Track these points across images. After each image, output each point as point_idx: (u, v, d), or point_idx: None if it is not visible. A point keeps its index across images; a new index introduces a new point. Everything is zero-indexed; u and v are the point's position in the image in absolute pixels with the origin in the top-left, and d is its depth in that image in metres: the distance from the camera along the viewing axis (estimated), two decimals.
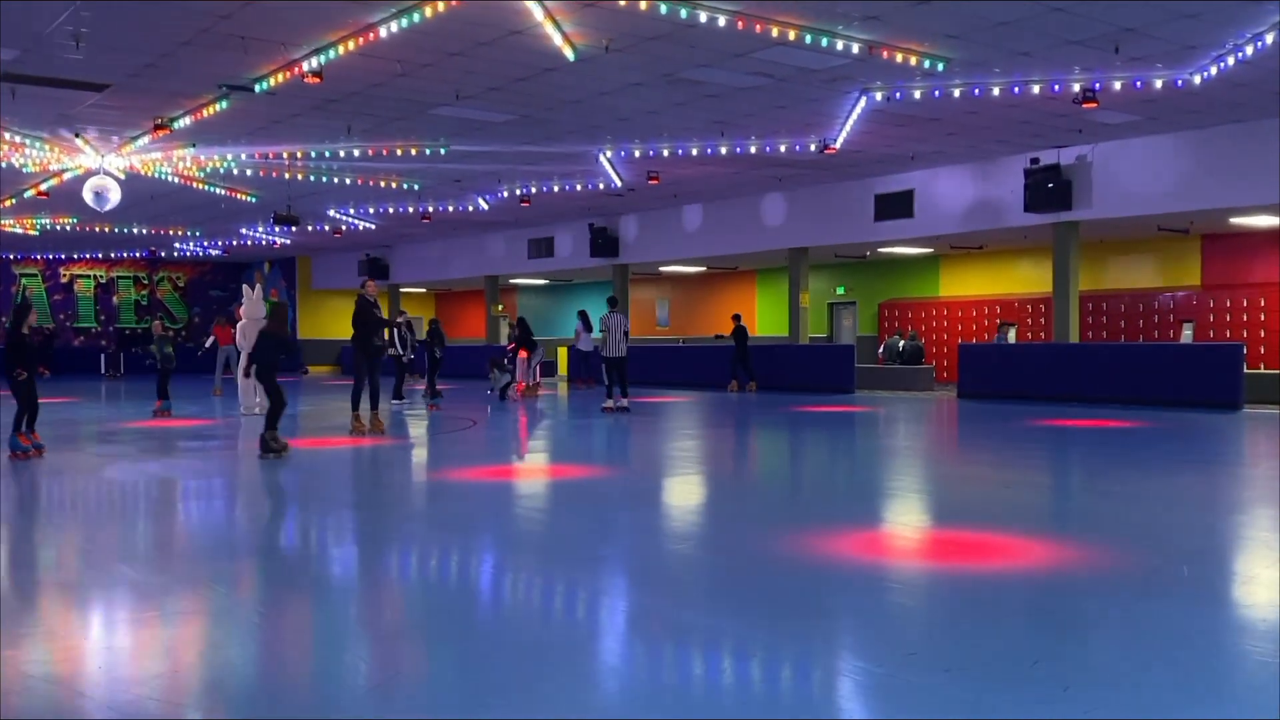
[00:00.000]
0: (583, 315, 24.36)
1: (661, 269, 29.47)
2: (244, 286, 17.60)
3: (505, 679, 3.94)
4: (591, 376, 23.52)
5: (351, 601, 5.32)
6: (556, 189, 21.98)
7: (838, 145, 16.99)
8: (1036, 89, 13.79)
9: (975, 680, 3.82)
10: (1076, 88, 13.60)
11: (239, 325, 17.34)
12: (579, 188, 21.81)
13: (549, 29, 11.09)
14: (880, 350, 25.29)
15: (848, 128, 16.07)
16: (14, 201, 23.03)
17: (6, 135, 16.26)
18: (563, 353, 30.89)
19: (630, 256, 26.89)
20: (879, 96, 14.30)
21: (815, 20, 11.26)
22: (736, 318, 23.08)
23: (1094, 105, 13.72)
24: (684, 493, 9.04)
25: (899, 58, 12.39)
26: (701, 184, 21.79)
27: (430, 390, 18.73)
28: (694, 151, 17.87)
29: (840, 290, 28.78)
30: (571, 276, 32.78)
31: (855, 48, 12.01)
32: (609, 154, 18.47)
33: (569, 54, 11.88)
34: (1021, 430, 13.66)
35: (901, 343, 24.36)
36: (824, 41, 11.76)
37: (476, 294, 36.09)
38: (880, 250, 24.35)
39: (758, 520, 7.32)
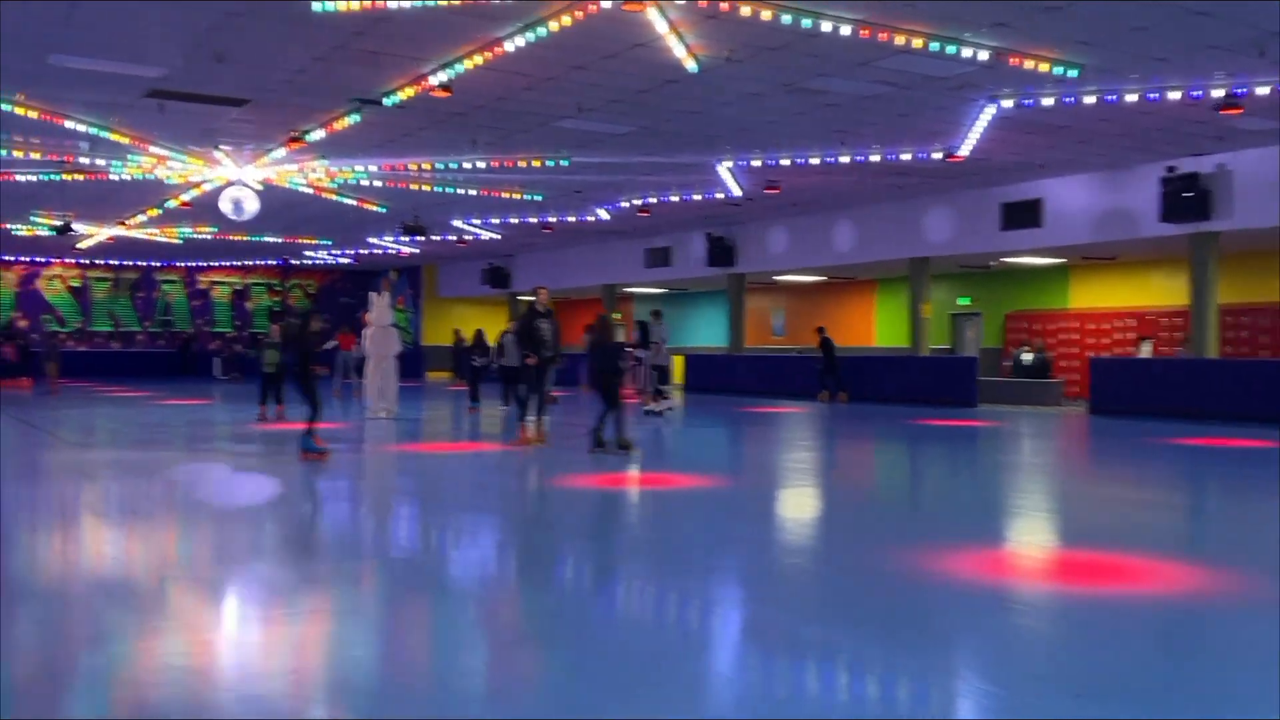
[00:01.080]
0: (642, 326, 24.25)
1: (778, 278, 29.31)
2: (371, 294, 18.12)
3: (621, 685, 3.97)
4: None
5: (471, 604, 5.44)
6: (675, 199, 22.07)
7: (963, 153, 16.65)
8: (1174, 95, 13.28)
9: (1106, 707, 3.70)
10: (1217, 93, 13.05)
11: (367, 332, 17.89)
12: (697, 197, 21.87)
13: (672, 41, 11.16)
14: (1008, 363, 24.61)
15: (974, 135, 15.74)
16: (159, 212, 24.20)
17: (153, 149, 17.11)
18: (679, 361, 30.98)
19: (747, 266, 26.80)
20: (1007, 104, 13.98)
21: (941, 28, 11.07)
22: (821, 330, 23.35)
23: (1237, 111, 13.14)
24: (800, 506, 8.97)
25: (1029, 64, 12.09)
26: (821, 193, 21.61)
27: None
28: (814, 160, 17.74)
29: (963, 301, 28.15)
30: (688, 285, 32.85)
31: (983, 55, 11.75)
32: (728, 164, 18.47)
33: (691, 66, 11.94)
34: (1156, 448, 13.15)
35: (1028, 355, 23.68)
36: (950, 49, 11.55)
37: (594, 303, 36.45)
38: (1006, 260, 23.74)
39: (876, 535, 7.22)
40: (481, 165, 18.24)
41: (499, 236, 28.82)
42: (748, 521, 7.93)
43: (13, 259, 35.43)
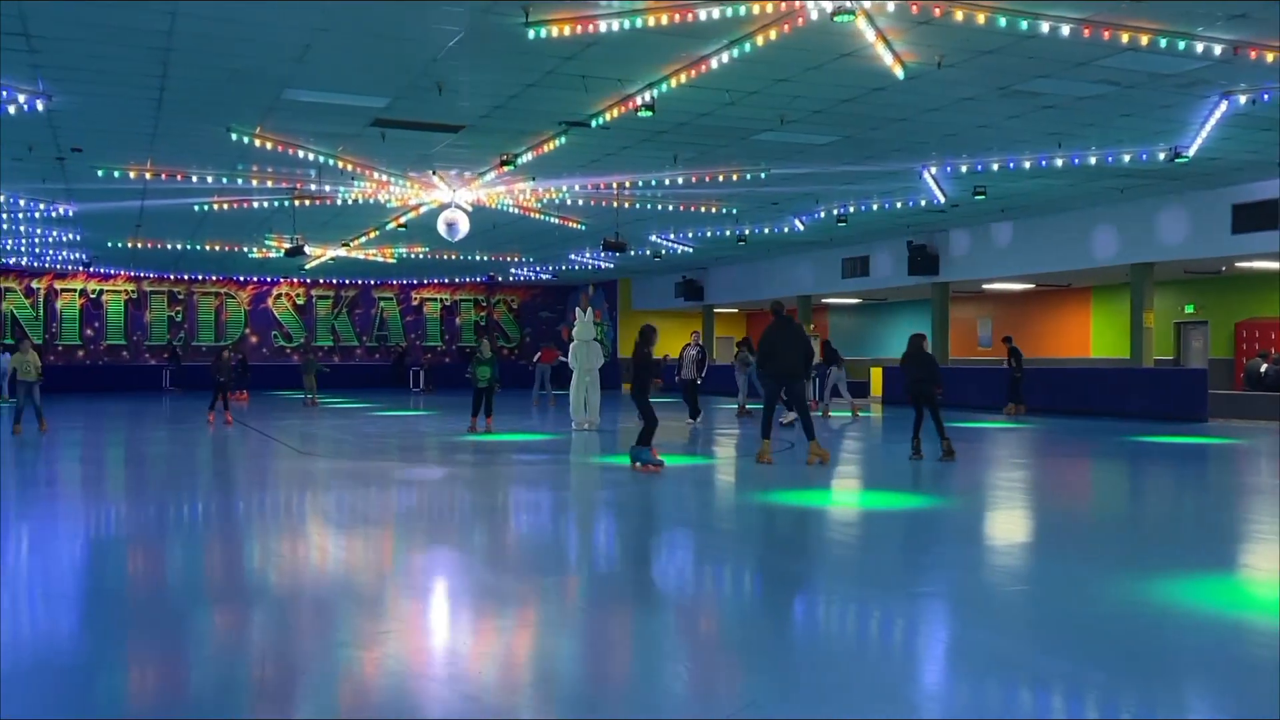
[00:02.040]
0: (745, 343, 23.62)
1: (985, 286, 28.31)
2: (575, 309, 18.57)
3: (823, 699, 3.90)
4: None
5: (676, 617, 5.45)
6: (875, 207, 21.66)
7: (1191, 153, 15.64)
8: None
9: None
10: None
11: (570, 346, 18.33)
12: (898, 205, 21.39)
13: (880, 49, 10.96)
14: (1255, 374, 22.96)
15: (1204, 134, 14.76)
16: (377, 233, 25.56)
17: (376, 175, 18.08)
18: (876, 373, 30.35)
19: (951, 274, 26.01)
20: (1242, 100, 13.05)
21: (1171, 23, 10.43)
22: (1008, 339, 23.31)
23: None
24: (1015, 528, 8.61)
25: (1269, 57, 11.24)
26: (1032, 197, 20.76)
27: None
28: (1026, 164, 17.05)
29: (1189, 309, 26.43)
30: (886, 295, 32.16)
31: (1217, 49, 11.02)
32: (933, 170, 17.98)
33: (899, 73, 11.69)
34: None
35: (1264, 366, 22.01)
36: (1180, 45, 10.87)
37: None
38: (1238, 265, 22.15)
39: (1100, 560, 6.84)
40: (680, 180, 18.41)
41: (693, 249, 29.01)
42: (958, 543, 7.66)
43: (245, 279, 38.16)
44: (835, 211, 22.32)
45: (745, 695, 4.23)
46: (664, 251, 29.47)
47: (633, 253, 28.96)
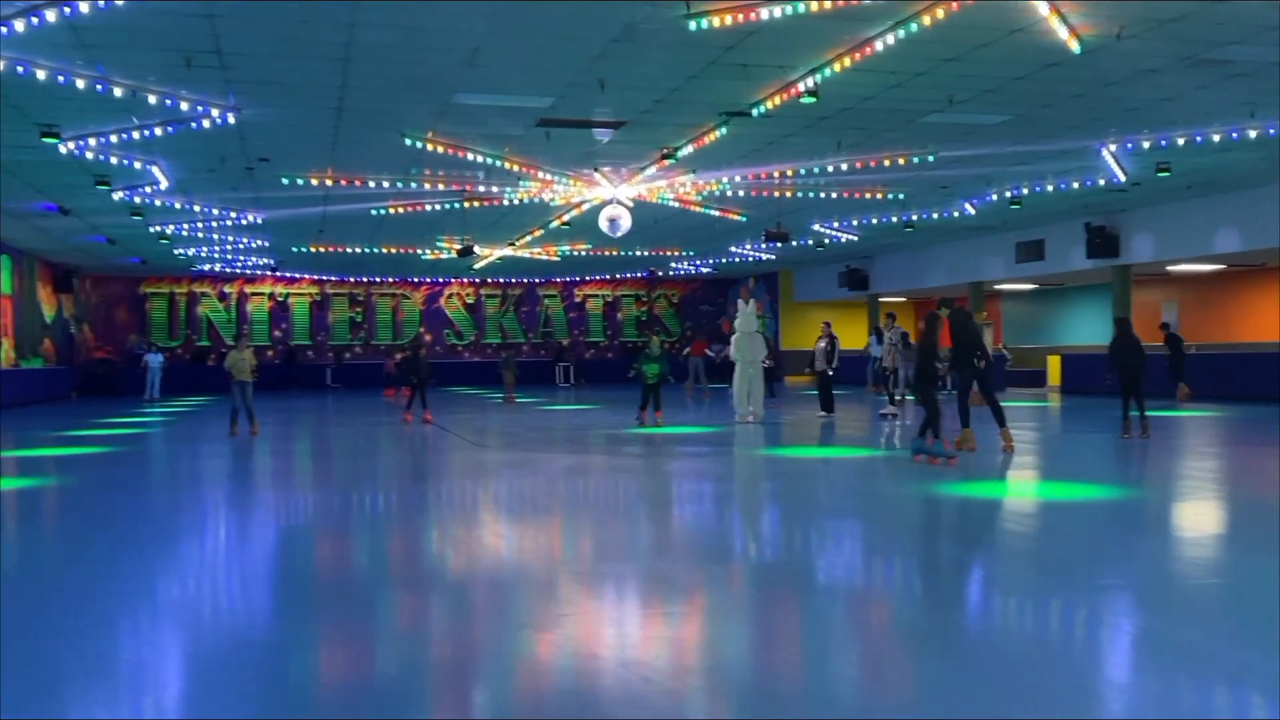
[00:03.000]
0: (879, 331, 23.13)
1: (1169, 269, 26.84)
2: (738, 302, 18.54)
3: (998, 690, 3.77)
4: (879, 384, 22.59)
5: (845, 608, 5.38)
6: (1050, 188, 20.81)
7: None
8: None
9: None
10: None
11: (732, 339, 18.32)
12: (1075, 185, 20.49)
13: (1054, 23, 10.53)
14: None
15: None
16: (541, 232, 26.13)
17: (540, 174, 18.48)
18: (1054, 362, 29.19)
19: (1133, 256, 24.75)
20: None
21: None
22: (1165, 326, 23.54)
23: None
24: (1204, 518, 8.14)
25: None
26: (1221, 173, 19.55)
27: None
28: (1215, 138, 16.06)
29: None
30: (1063, 280, 30.88)
31: None
32: (1112, 147, 17.15)
33: (1074, 47, 11.20)
34: None
35: None
36: None
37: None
38: None
39: None
40: (844, 167, 18.12)
41: (857, 238, 28.52)
42: (1144, 535, 7.30)
43: (419, 280, 39.64)
44: (1008, 194, 21.57)
45: (920, 688, 4.16)
46: (827, 241, 29.08)
47: (794, 243, 28.68)
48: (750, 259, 34.08)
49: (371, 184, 19.07)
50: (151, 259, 31.36)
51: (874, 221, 25.50)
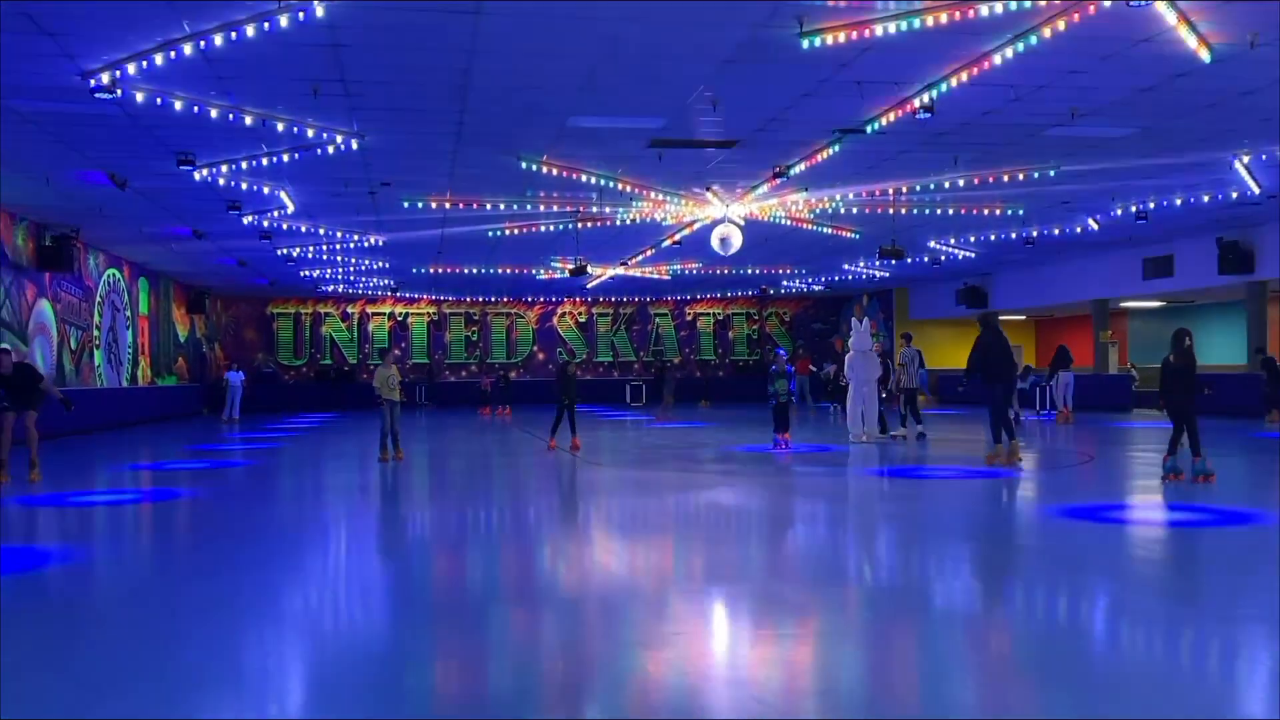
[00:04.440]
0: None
1: None
2: (852, 320, 18.32)
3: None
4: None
5: (964, 632, 5.24)
6: (1178, 201, 20.05)
7: None
8: None
9: None
10: None
11: (846, 357, 18.10)
12: (1205, 198, 19.71)
13: (1182, 33, 10.17)
14: None
15: None
16: (653, 251, 26.28)
17: (652, 194, 18.61)
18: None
19: (1269, 271, 23.63)
20: None
21: None
22: (1260, 351, 23.04)
23: None
24: None
25: None
26: None
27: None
28: None
29: None
30: (1194, 298, 29.69)
31: None
32: (1245, 159, 16.45)
33: (1204, 56, 10.80)
34: None
35: None
36: None
37: (1081, 320, 34.05)
38: None
39: None
40: (961, 183, 17.78)
41: (975, 254, 27.91)
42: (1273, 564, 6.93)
43: (533, 299, 40.24)
44: (1133, 208, 20.86)
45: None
46: (943, 257, 28.54)
47: (909, 260, 28.21)
48: (864, 276, 33.67)
49: (488, 206, 19.45)
50: (279, 280, 32.55)
51: (993, 237, 24.92)
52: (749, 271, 32.01)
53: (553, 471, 14.05)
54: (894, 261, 23.89)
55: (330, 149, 14.34)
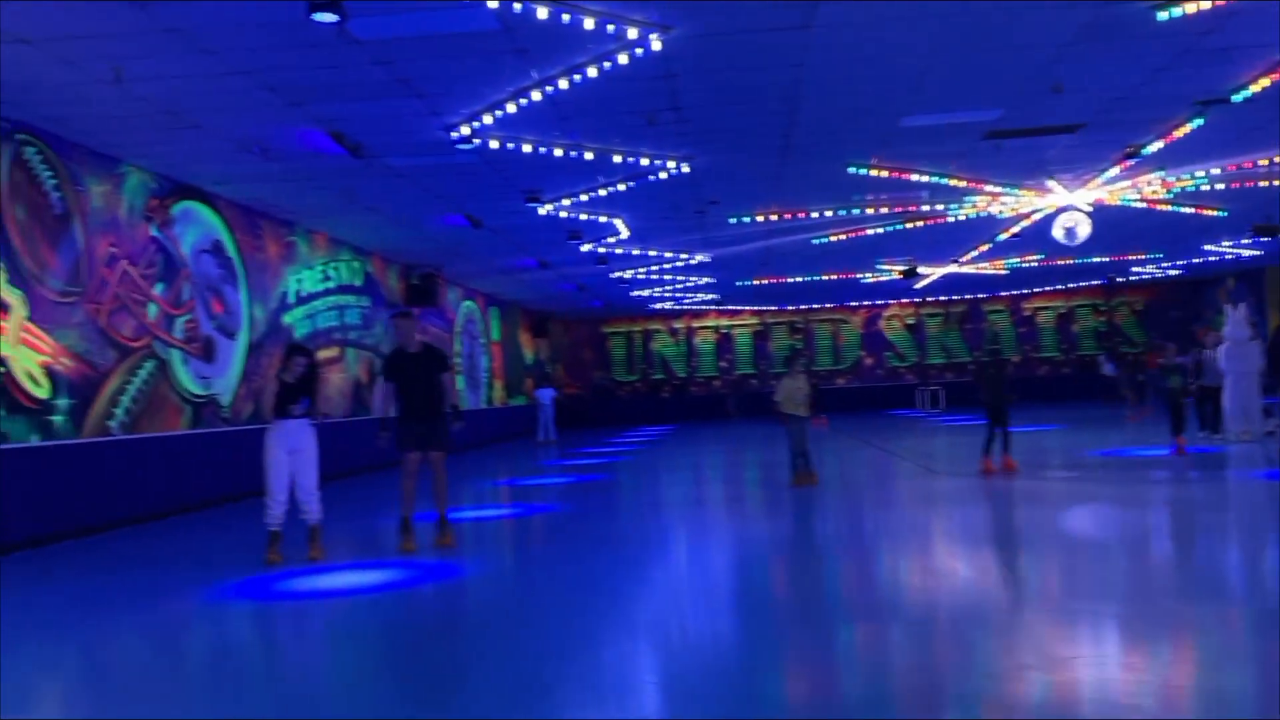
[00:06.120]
0: None
1: None
2: (1226, 307, 16.65)
3: None
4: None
5: None
6: None
7: None
8: None
9: None
10: None
11: (1220, 347, 16.47)
12: None
13: None
14: None
15: None
16: (988, 246, 25.16)
17: (988, 188, 17.82)
18: None
19: None
20: None
21: None
22: None
23: None
24: None
25: None
26: None
27: None
28: None
29: None
30: None
31: None
32: None
33: None
34: None
35: None
36: None
37: None
38: None
39: None
40: None
41: None
42: None
43: (857, 304, 39.70)
44: None
45: None
46: None
47: None
48: (1228, 257, 30.54)
49: (814, 215, 19.40)
50: (612, 302, 34.11)
51: None
52: (1094, 260, 29.90)
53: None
54: (1267, 239, 21.50)
55: (662, 174, 14.84)
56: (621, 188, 15.64)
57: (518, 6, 8.58)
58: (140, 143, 12.15)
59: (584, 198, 16.43)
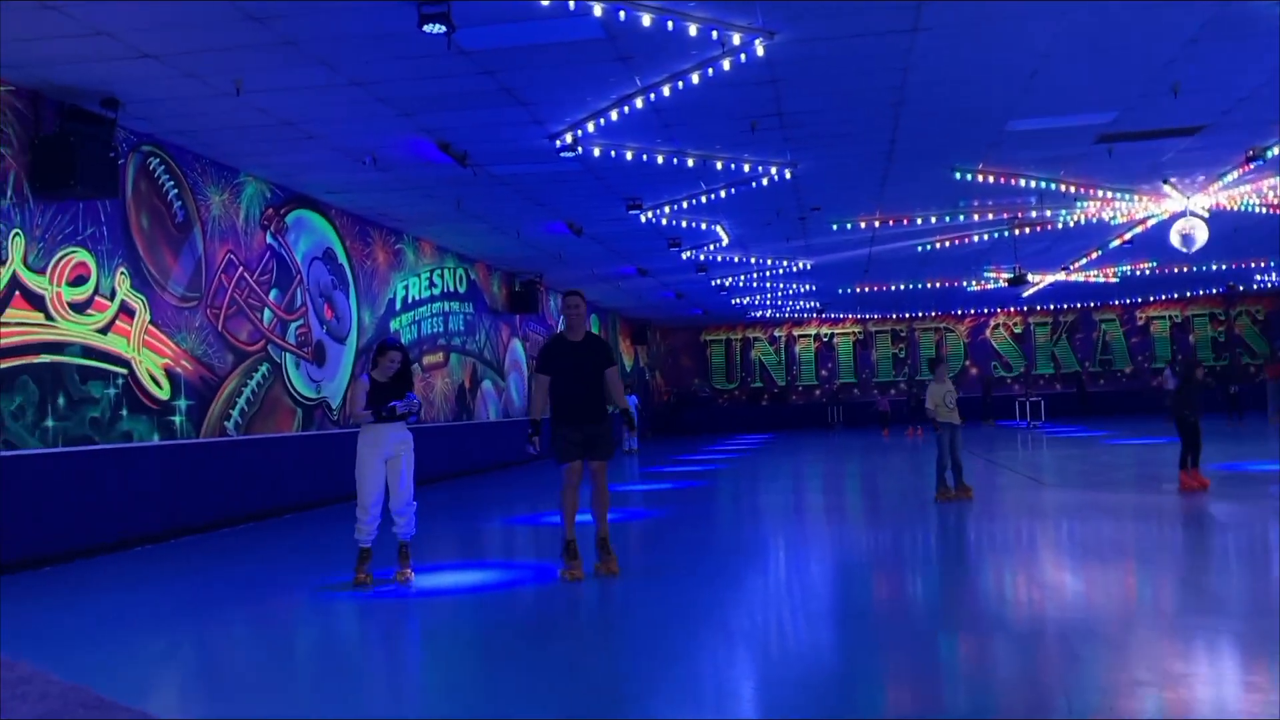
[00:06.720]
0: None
1: None
2: None
3: None
4: None
5: None
6: None
7: None
8: None
9: None
10: None
11: None
12: None
13: None
14: None
15: None
16: (1099, 253, 24.43)
17: (1099, 193, 17.31)
18: None
19: None
20: None
21: None
22: None
23: None
24: None
25: None
26: None
27: None
28: None
29: None
30: None
31: None
32: None
33: None
34: None
35: None
36: None
37: None
38: None
39: None
40: None
41: None
42: None
43: (962, 312, 38.91)
44: None
45: None
46: None
47: None
48: None
49: (918, 221, 19.10)
50: (711, 309, 34.05)
51: None
52: (1213, 267, 28.80)
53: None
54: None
55: (764, 181, 14.77)
56: (723, 194, 15.63)
57: (622, 15, 8.65)
58: (257, 153, 12.57)
59: (685, 205, 16.46)
